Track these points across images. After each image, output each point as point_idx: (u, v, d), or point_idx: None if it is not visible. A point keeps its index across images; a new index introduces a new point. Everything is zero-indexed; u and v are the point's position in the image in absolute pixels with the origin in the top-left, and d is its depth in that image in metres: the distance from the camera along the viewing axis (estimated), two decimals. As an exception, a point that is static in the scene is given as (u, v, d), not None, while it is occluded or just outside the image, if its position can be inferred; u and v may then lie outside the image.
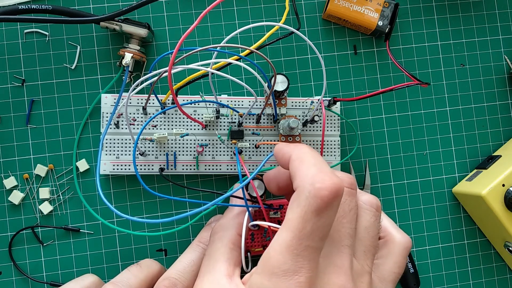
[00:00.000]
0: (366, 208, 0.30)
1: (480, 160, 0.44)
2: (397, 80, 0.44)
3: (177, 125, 0.40)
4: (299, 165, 0.27)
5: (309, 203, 0.24)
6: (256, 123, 0.40)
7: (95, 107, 0.41)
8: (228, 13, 0.43)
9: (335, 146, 0.41)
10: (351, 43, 0.44)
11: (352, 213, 0.28)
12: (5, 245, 0.40)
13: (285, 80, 0.38)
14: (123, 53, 0.39)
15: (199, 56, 0.42)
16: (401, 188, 0.43)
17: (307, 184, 0.25)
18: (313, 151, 0.28)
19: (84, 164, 0.41)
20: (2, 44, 0.41)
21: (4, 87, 0.41)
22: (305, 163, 0.26)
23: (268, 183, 0.33)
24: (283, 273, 0.24)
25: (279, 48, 0.43)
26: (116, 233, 0.41)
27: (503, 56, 0.45)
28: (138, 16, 0.42)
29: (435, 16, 0.44)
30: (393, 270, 0.31)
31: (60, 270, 0.41)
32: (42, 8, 0.38)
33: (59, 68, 0.41)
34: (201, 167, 0.40)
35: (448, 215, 0.44)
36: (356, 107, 0.43)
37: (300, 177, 0.26)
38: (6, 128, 0.41)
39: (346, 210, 0.28)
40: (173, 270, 0.34)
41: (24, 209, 0.41)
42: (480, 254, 0.44)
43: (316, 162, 0.26)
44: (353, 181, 0.29)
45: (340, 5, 0.41)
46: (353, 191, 0.28)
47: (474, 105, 0.44)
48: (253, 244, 0.38)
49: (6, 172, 0.41)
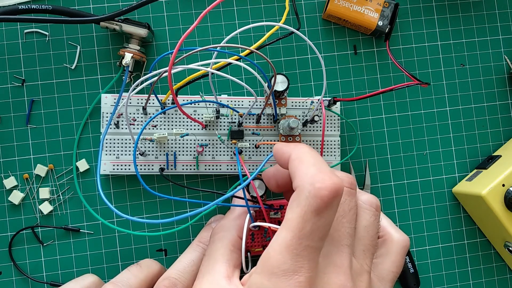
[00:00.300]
0: (366, 208, 0.30)
1: (480, 160, 0.44)
2: (397, 80, 0.44)
3: (177, 125, 0.40)
4: (299, 165, 0.26)
5: (309, 203, 0.24)
6: (256, 123, 0.40)
7: (95, 107, 0.41)
8: (228, 13, 0.43)
9: (335, 146, 0.41)
10: (351, 43, 0.44)
11: (352, 212, 0.28)
12: (5, 245, 0.40)
13: (285, 80, 0.38)
14: (123, 53, 0.39)
15: (199, 56, 0.42)
16: (401, 188, 0.43)
17: (307, 184, 0.25)
18: (313, 151, 0.28)
19: (84, 164, 0.41)
20: (2, 44, 0.41)
21: (4, 87, 0.41)
22: (304, 163, 0.26)
23: (267, 180, 0.33)
24: (283, 273, 0.24)
25: (279, 48, 0.43)
26: (116, 233, 0.41)
27: (503, 56, 0.45)
28: (138, 16, 0.42)
29: (435, 16, 0.44)
30: (392, 269, 0.31)
31: (60, 270, 0.41)
32: (42, 8, 0.38)
33: (59, 68, 0.41)
34: (201, 167, 0.40)
35: (448, 215, 0.44)
36: (356, 107, 0.43)
37: (300, 177, 0.26)
38: (6, 128, 0.41)
39: (346, 209, 0.28)
40: (173, 270, 0.34)
41: (24, 209, 0.41)
42: (480, 254, 0.44)
43: (315, 162, 0.26)
44: (353, 181, 0.29)
45: (340, 5, 0.41)
46: (353, 191, 0.28)
47: (474, 105, 0.44)
48: (253, 244, 0.38)
49: (6, 172, 0.41)
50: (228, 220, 0.34)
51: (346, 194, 0.28)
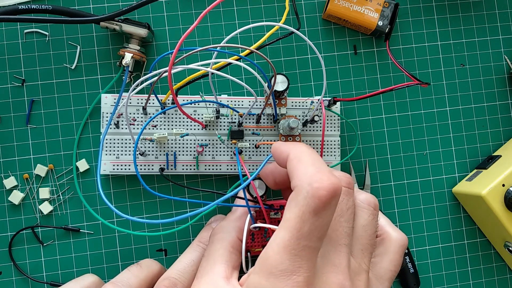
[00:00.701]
0: (364, 207, 0.30)
1: (480, 160, 0.44)
2: (397, 80, 0.44)
3: (177, 125, 0.40)
4: (297, 164, 0.26)
5: (307, 203, 0.24)
6: (256, 123, 0.40)
7: (95, 107, 0.41)
8: (228, 13, 0.43)
9: (335, 146, 0.41)
10: (351, 43, 0.44)
11: (350, 212, 0.28)
12: (5, 245, 0.40)
13: (285, 80, 0.38)
14: (123, 53, 0.39)
15: (199, 56, 0.42)
16: (401, 188, 0.43)
17: (305, 184, 0.25)
18: (311, 150, 0.28)
19: (84, 164, 0.41)
20: (2, 44, 0.41)
21: (4, 87, 0.41)
22: (303, 163, 0.26)
23: (265, 177, 0.33)
24: (281, 273, 0.24)
25: (279, 48, 0.43)
26: (116, 233, 0.41)
27: (503, 56, 0.45)
28: (138, 16, 0.42)
29: (435, 16, 0.44)
30: (390, 268, 0.31)
31: (60, 270, 0.41)
32: (42, 8, 0.38)
33: (59, 68, 0.41)
34: (201, 167, 0.40)
35: (448, 215, 0.44)
36: (356, 107, 0.43)
37: (298, 177, 0.26)
38: (6, 128, 0.41)
39: (344, 209, 0.28)
40: (173, 270, 0.34)
41: (24, 209, 0.41)
42: (480, 254, 0.44)
43: (314, 162, 0.26)
44: (351, 180, 0.29)
45: (340, 5, 0.41)
46: (351, 190, 0.28)
47: (474, 105, 0.44)
48: (253, 244, 0.38)
49: (6, 172, 0.41)
50: (228, 221, 0.34)
51: (344, 194, 0.28)
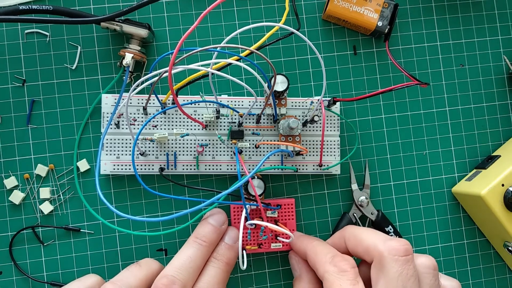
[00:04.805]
0: (426, 272, 0.31)
1: (480, 160, 0.44)
2: (397, 80, 0.44)
3: (177, 125, 0.40)
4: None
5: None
6: (256, 123, 0.41)
7: (96, 107, 0.41)
8: (228, 14, 0.43)
9: (335, 146, 0.41)
10: (351, 44, 0.44)
11: (413, 279, 0.30)
12: (5, 245, 0.40)
13: (285, 80, 0.38)
14: (124, 54, 0.39)
15: (199, 56, 0.42)
16: (401, 188, 0.44)
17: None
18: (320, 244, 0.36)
19: (85, 164, 0.41)
20: (3, 44, 0.41)
21: (4, 87, 0.41)
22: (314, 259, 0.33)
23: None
24: None
25: (279, 49, 0.43)
26: (116, 233, 0.41)
27: (502, 57, 0.45)
28: (139, 16, 0.42)
29: (435, 17, 0.45)
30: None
31: (61, 270, 0.41)
32: (43, 8, 0.38)
33: (59, 68, 0.42)
34: (201, 167, 0.40)
35: (448, 215, 0.44)
36: (356, 107, 0.44)
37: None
38: (6, 128, 0.41)
39: (408, 277, 0.30)
40: (170, 267, 0.34)
41: (25, 209, 0.41)
42: (479, 254, 0.44)
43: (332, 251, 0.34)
44: (408, 247, 0.30)
45: (340, 5, 0.41)
46: (409, 257, 0.30)
47: (473, 105, 0.45)
48: (249, 242, 0.39)
49: (6, 172, 0.41)
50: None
51: (404, 262, 0.30)
